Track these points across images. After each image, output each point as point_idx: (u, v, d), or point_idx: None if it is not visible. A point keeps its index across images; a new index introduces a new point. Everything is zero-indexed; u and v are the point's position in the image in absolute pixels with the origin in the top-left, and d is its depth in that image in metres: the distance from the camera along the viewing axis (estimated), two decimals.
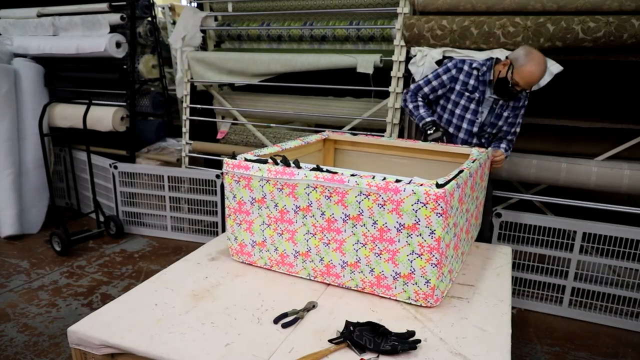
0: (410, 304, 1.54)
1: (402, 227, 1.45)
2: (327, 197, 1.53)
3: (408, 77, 2.80)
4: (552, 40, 2.46)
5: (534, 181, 2.74)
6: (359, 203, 1.49)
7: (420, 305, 1.52)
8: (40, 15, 3.94)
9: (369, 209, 1.48)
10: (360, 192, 1.47)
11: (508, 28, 2.52)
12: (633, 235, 2.52)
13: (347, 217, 1.52)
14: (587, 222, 2.61)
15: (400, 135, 3.03)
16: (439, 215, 1.40)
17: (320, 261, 1.62)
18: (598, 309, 2.69)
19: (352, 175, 1.50)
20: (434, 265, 1.45)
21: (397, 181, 1.45)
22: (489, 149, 2.24)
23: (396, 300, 1.56)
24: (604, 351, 2.44)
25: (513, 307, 2.71)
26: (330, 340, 1.32)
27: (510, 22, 2.52)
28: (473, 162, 1.81)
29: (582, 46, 2.43)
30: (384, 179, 1.46)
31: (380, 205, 1.46)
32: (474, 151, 2.05)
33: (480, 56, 2.51)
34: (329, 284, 1.65)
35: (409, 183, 1.43)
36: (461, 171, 1.61)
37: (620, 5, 2.37)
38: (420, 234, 1.43)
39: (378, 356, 1.26)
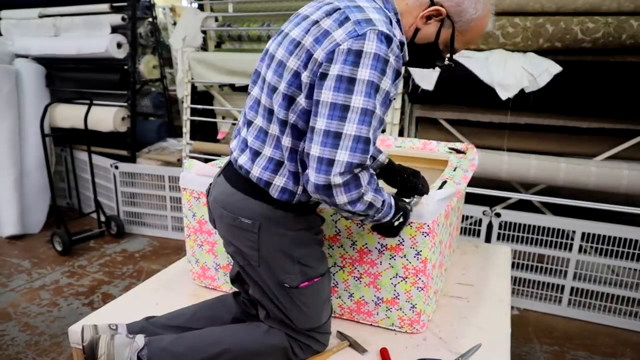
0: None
1: (384, 248, 1.34)
2: None
3: (408, 77, 2.81)
4: (551, 40, 2.47)
5: (533, 181, 2.75)
6: (335, 222, 1.38)
7: (406, 332, 1.41)
8: (41, 16, 3.95)
9: (347, 229, 1.37)
10: (336, 212, 1.33)
11: (507, 29, 2.53)
12: (632, 235, 2.52)
13: None
14: (586, 222, 2.61)
15: (400, 136, 3.03)
16: (425, 234, 1.29)
17: None
18: (597, 308, 2.70)
19: None
20: (420, 289, 1.34)
21: None
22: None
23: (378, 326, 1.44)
24: (603, 350, 2.45)
25: (512, 307, 2.72)
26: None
27: (510, 22, 2.53)
28: (454, 170, 1.66)
29: (581, 47, 2.44)
30: None
31: (359, 224, 1.35)
32: (452, 158, 1.81)
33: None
34: None
35: None
36: (444, 182, 1.49)
37: (619, 6, 2.38)
38: (405, 256, 1.33)
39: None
